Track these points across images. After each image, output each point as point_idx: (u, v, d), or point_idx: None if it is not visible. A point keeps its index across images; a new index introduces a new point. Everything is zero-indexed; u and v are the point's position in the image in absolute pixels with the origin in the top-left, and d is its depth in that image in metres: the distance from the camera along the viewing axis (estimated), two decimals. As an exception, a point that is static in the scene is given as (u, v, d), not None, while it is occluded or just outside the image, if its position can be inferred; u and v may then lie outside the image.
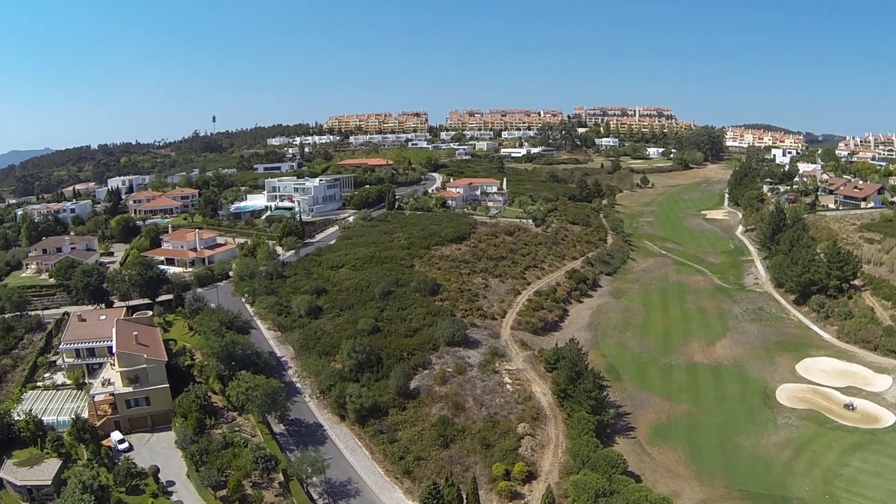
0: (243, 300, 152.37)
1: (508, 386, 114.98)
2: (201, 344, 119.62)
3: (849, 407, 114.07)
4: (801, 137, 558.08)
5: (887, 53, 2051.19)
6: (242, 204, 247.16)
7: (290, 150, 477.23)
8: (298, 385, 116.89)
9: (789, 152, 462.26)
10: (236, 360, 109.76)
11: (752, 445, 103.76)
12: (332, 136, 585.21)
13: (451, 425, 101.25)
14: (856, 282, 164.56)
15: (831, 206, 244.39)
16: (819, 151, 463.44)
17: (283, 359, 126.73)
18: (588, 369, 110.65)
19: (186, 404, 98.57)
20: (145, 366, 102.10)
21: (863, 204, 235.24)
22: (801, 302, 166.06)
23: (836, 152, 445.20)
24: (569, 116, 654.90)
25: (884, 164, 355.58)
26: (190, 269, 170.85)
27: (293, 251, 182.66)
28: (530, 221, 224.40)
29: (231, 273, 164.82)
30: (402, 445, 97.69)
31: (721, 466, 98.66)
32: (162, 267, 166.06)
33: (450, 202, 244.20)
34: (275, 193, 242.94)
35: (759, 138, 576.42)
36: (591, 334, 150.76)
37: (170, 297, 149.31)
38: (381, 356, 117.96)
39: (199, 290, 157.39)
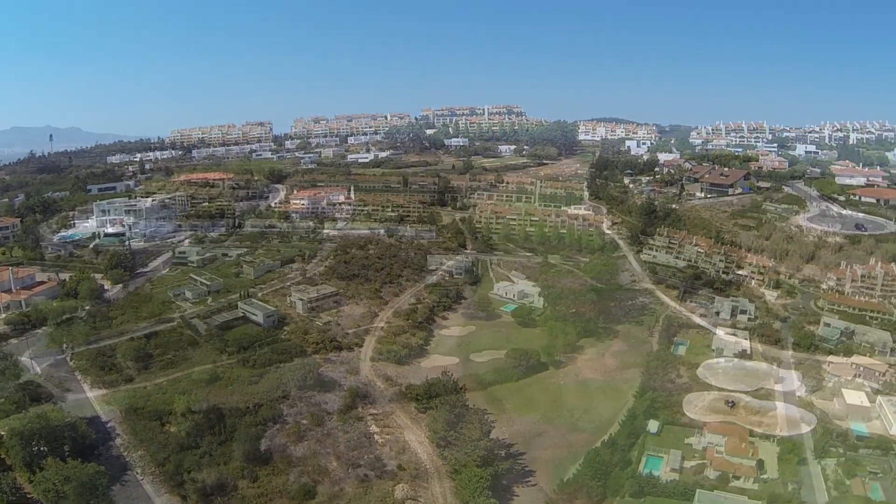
0: (62, 351, 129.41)
1: (377, 437, 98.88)
2: (2, 421, 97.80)
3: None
4: (654, 128, 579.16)
5: (726, 44, 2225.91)
6: (69, 232, 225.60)
7: (131, 168, 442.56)
8: (128, 459, 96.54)
9: (643, 143, 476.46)
10: (45, 440, 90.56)
11: (675, 476, 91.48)
12: (174, 151, 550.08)
13: (314, 496, 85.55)
14: (741, 272, 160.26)
15: (698, 194, 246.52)
16: (673, 141, 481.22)
17: (109, 424, 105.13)
18: (469, 409, 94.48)
19: (-11, 503, 77.95)
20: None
21: (730, 191, 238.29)
22: (686, 297, 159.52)
23: (690, 141, 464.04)
24: (416, 118, 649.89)
25: (740, 150, 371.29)
26: (3, 316, 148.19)
27: (121, 285, 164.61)
28: (383, 231, 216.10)
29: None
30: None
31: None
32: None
33: (294, 215, 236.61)
34: (105, 217, 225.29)
35: (612, 131, 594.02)
36: (461, 357, 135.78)
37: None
38: (224, 412, 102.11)
39: (13, 341, 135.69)
